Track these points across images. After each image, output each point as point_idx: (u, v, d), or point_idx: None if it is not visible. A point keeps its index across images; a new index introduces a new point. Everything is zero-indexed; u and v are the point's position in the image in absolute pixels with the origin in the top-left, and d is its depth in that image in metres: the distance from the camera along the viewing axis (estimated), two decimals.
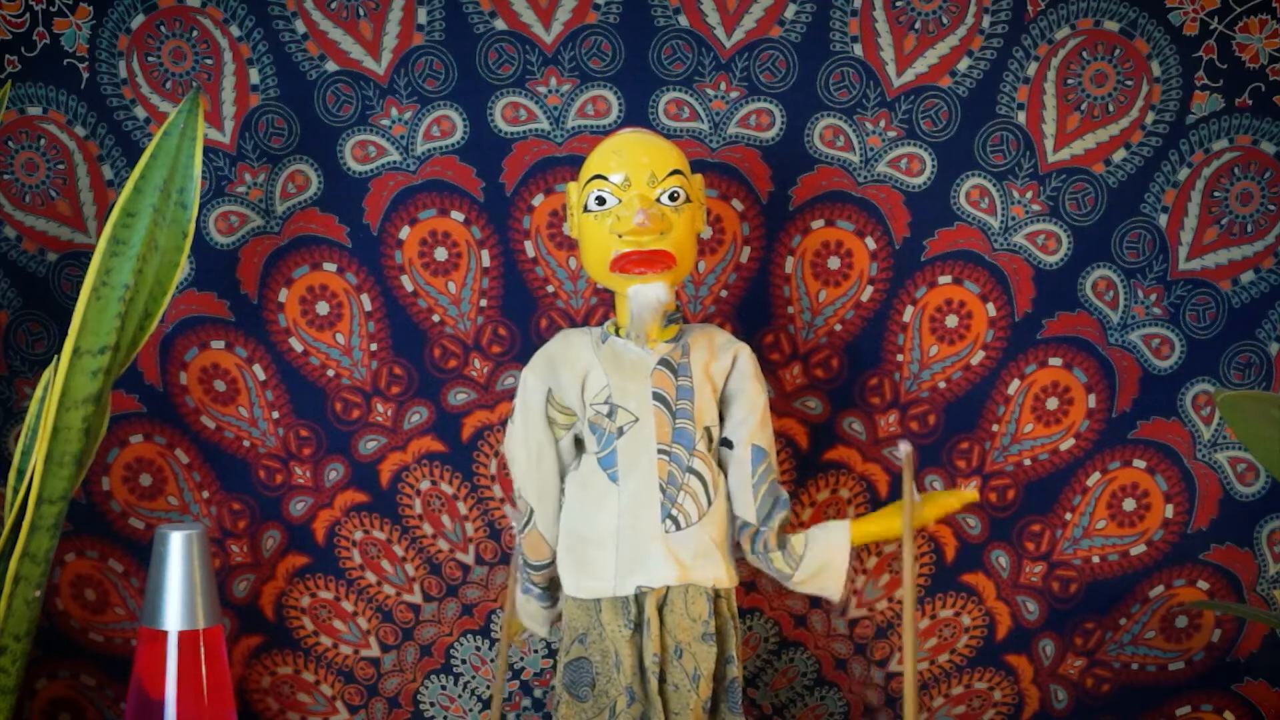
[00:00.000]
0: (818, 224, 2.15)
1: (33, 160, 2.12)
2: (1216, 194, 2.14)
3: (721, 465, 1.90)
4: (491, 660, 2.19)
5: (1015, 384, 2.16)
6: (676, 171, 1.86)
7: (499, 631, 2.19)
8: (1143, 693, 2.21)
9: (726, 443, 1.90)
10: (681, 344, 1.90)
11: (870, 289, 2.16)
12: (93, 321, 1.92)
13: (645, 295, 1.84)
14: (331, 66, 2.12)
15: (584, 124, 2.13)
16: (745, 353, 1.92)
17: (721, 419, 1.91)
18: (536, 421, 1.90)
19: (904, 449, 1.82)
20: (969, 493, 1.90)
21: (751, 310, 2.15)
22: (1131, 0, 2.12)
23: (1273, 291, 2.15)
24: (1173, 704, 2.21)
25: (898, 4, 2.12)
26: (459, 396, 2.16)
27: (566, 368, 1.89)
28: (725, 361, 1.90)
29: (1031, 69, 2.13)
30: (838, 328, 2.16)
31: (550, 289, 2.15)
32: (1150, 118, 2.14)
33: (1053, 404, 2.17)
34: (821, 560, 1.88)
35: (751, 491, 1.88)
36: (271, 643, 2.18)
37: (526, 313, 2.15)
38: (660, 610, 1.84)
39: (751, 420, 1.89)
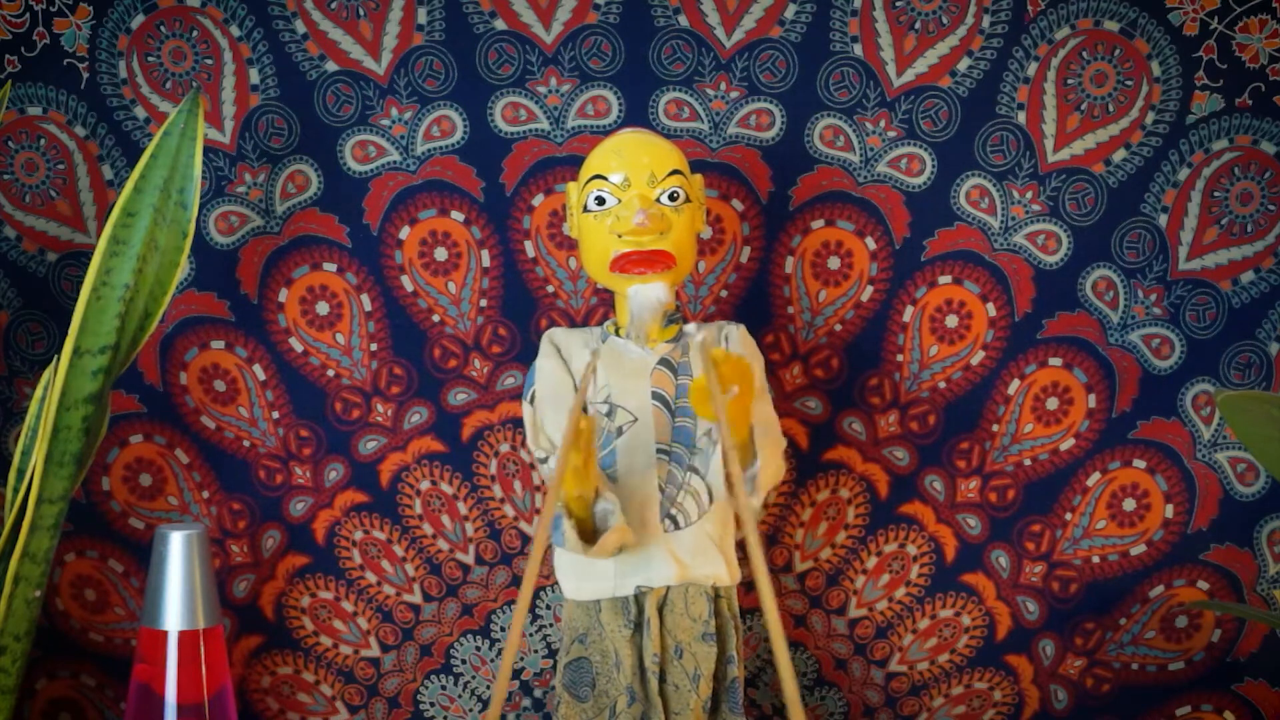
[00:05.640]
0: (818, 224, 2.15)
1: (33, 160, 2.12)
2: (1216, 194, 2.14)
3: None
4: (491, 660, 2.19)
5: (1015, 384, 2.17)
6: (676, 171, 1.86)
7: (500, 632, 2.19)
8: (1143, 693, 2.21)
9: None
10: (682, 344, 1.90)
11: (870, 289, 2.16)
12: (93, 321, 1.92)
13: (645, 295, 1.84)
14: (331, 66, 2.12)
15: (584, 124, 2.13)
16: (733, 330, 1.90)
17: None
18: (568, 396, 1.86)
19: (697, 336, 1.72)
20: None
21: (751, 310, 2.15)
22: (1131, 0, 2.12)
23: (1273, 291, 2.15)
24: (1173, 704, 2.21)
25: (898, 4, 2.12)
26: (459, 396, 2.16)
27: (570, 361, 1.89)
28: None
29: (1031, 69, 2.13)
30: (838, 328, 2.16)
31: (550, 289, 2.15)
32: (1150, 118, 2.14)
33: (1053, 404, 2.17)
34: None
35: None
36: (271, 643, 2.18)
37: (526, 313, 2.15)
38: (660, 610, 1.84)
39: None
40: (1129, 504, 2.18)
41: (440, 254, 2.14)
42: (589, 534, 1.76)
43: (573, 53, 2.12)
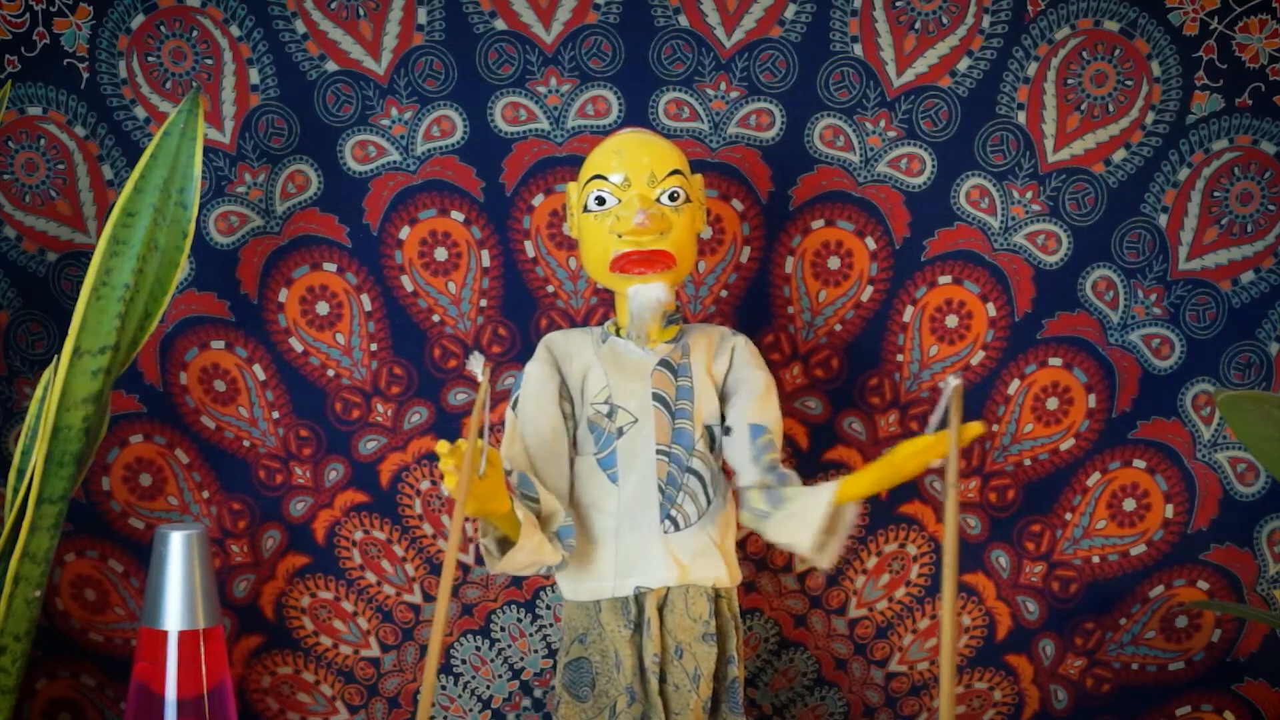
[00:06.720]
0: (818, 224, 2.15)
1: (33, 160, 2.12)
2: (1216, 194, 2.14)
3: (726, 454, 1.88)
4: (491, 660, 2.19)
5: (1015, 384, 2.17)
6: (676, 171, 1.86)
7: (500, 632, 2.19)
8: (1143, 693, 2.21)
9: (729, 430, 1.89)
10: (682, 345, 1.90)
11: (870, 289, 2.16)
12: (93, 321, 1.92)
13: (645, 295, 1.84)
14: (331, 66, 2.12)
15: (584, 124, 2.13)
16: (742, 343, 1.92)
17: (725, 412, 1.90)
18: (549, 406, 1.88)
19: (952, 383, 1.70)
20: (973, 426, 1.76)
21: (751, 310, 2.15)
22: (1131, 0, 2.12)
23: (1273, 291, 2.15)
24: (1173, 704, 2.21)
25: (898, 4, 2.12)
26: (459, 397, 2.16)
27: (567, 363, 1.89)
28: (725, 360, 1.91)
29: (1031, 69, 2.13)
30: (838, 328, 2.16)
31: (550, 289, 2.15)
32: (1150, 118, 2.14)
33: (1053, 404, 2.17)
34: (798, 507, 1.80)
35: (752, 462, 1.85)
36: (271, 643, 2.18)
37: (526, 313, 2.15)
38: (661, 610, 1.84)
39: (749, 404, 1.88)
40: (1129, 504, 2.18)
41: (440, 254, 2.14)
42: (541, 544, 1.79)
43: (573, 53, 2.12)
